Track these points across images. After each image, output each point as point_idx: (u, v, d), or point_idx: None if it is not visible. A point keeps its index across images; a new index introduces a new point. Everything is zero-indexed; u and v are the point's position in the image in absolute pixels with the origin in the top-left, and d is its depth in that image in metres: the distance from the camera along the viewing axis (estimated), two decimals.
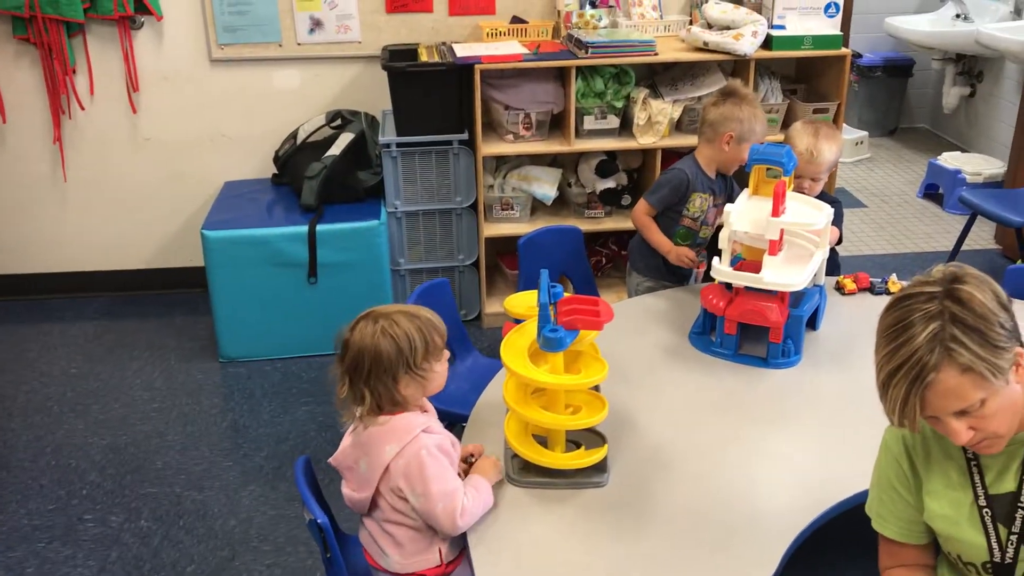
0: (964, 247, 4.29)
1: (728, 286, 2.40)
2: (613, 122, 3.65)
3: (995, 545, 1.49)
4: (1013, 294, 2.64)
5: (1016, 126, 4.51)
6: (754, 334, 2.39)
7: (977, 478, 1.50)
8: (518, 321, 2.07)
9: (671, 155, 3.73)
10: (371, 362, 1.75)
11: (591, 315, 1.90)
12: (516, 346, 1.92)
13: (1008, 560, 1.48)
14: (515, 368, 1.85)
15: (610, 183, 3.74)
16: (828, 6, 3.56)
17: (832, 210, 2.46)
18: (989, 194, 4.07)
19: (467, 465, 1.92)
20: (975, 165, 5.05)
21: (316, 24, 3.75)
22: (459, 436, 2.01)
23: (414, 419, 1.81)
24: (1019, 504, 1.47)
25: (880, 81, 6.16)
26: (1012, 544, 1.47)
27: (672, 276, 2.93)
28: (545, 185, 3.70)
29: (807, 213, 2.44)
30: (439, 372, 1.84)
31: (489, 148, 3.60)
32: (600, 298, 1.97)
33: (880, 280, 2.74)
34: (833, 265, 2.97)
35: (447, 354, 1.87)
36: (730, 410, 2.19)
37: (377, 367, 1.75)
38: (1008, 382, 1.36)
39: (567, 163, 3.85)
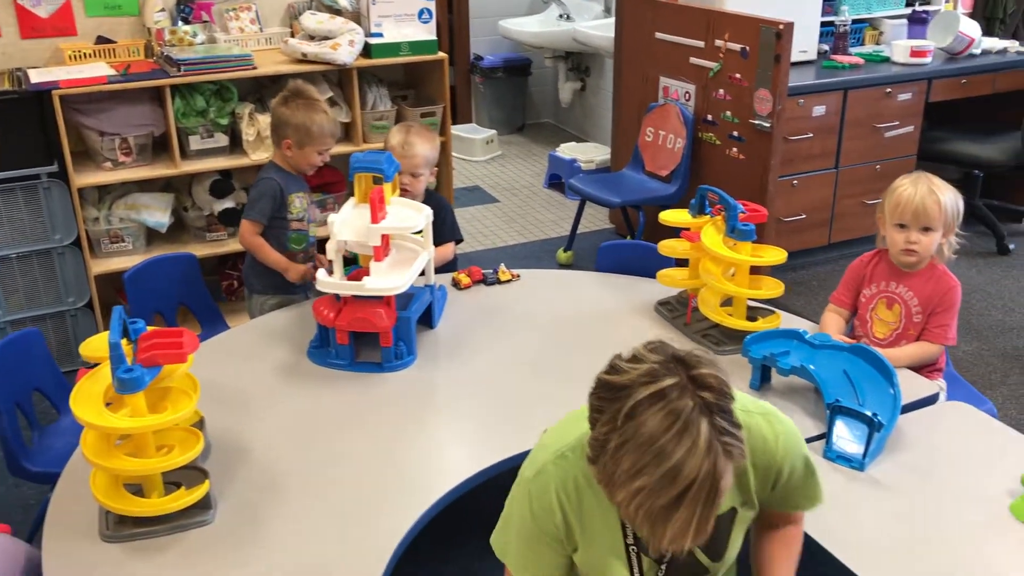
0: (583, 229, 4.65)
1: (337, 296, 2.39)
2: (222, 140, 3.51)
3: (637, 574, 1.52)
4: (603, 268, 2.91)
5: (612, 115, 4.95)
6: (369, 340, 2.39)
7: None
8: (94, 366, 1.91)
9: None
10: None
11: (173, 348, 1.80)
12: (89, 394, 1.77)
13: None
14: (87, 418, 1.70)
15: (228, 203, 3.60)
16: (422, 12, 3.66)
17: (431, 211, 2.52)
18: (594, 179, 4.41)
19: None
20: (588, 153, 5.48)
21: None
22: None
23: None
24: None
25: (502, 81, 6.50)
26: (662, 571, 1.52)
27: (294, 288, 2.87)
28: (156, 212, 3.48)
29: (407, 216, 2.48)
30: None
31: (85, 179, 3.32)
32: (185, 328, 1.87)
33: (491, 271, 2.87)
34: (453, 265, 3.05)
35: None
36: (346, 420, 2.18)
37: None
38: None
39: (180, 187, 3.65)
